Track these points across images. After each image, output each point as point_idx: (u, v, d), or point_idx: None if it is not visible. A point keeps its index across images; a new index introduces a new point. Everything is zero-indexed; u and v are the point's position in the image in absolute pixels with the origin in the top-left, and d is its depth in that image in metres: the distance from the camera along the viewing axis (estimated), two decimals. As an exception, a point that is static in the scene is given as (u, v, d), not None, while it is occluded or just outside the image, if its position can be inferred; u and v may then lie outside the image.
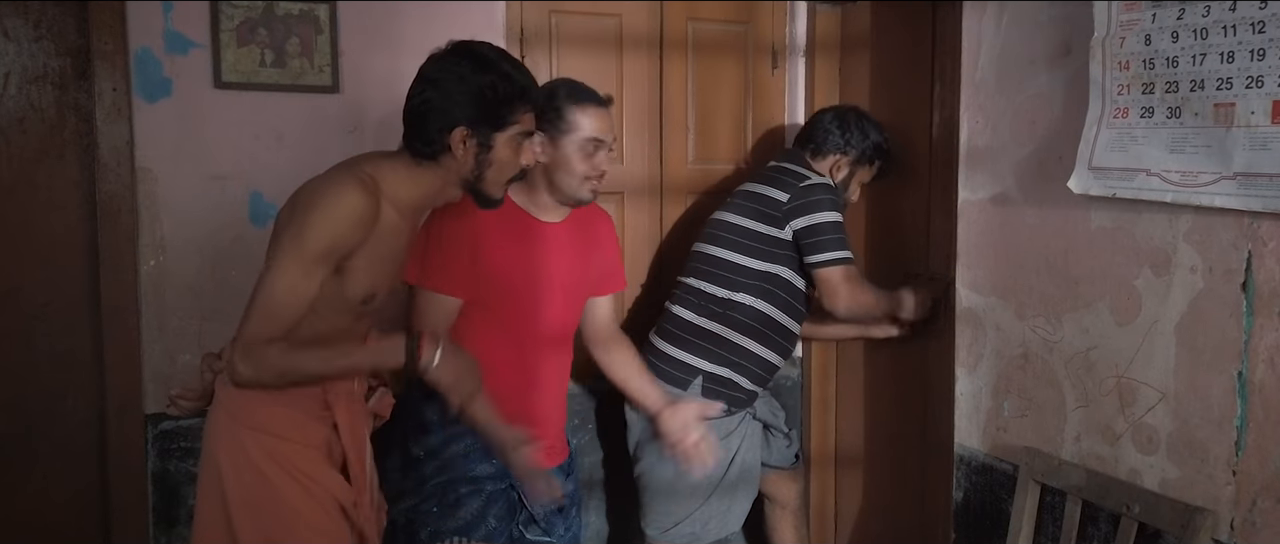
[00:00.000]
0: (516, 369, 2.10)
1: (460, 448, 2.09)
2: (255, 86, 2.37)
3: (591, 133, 2.03)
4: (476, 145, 1.71)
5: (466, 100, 1.68)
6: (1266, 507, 1.59)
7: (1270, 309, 1.57)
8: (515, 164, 1.77)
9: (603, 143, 2.06)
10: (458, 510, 2.06)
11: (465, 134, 1.70)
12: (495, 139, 1.72)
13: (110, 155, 2.28)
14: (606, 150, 2.08)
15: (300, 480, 1.73)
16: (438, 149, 1.71)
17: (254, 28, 2.36)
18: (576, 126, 2.03)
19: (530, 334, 2.11)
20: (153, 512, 2.39)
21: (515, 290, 2.07)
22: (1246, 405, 1.61)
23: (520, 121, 1.75)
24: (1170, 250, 1.72)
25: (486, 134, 1.71)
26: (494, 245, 2.04)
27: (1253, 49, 1.54)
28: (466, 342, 2.03)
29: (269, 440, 1.71)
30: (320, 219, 1.61)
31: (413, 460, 2.08)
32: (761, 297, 2.41)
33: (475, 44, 1.75)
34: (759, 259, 2.40)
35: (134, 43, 2.28)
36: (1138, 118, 1.74)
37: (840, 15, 2.93)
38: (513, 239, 2.06)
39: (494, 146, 1.73)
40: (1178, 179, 1.68)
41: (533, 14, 2.65)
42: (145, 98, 2.30)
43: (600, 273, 2.27)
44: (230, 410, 1.73)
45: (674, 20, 2.83)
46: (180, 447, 2.39)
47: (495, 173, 1.76)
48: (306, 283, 1.62)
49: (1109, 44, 1.77)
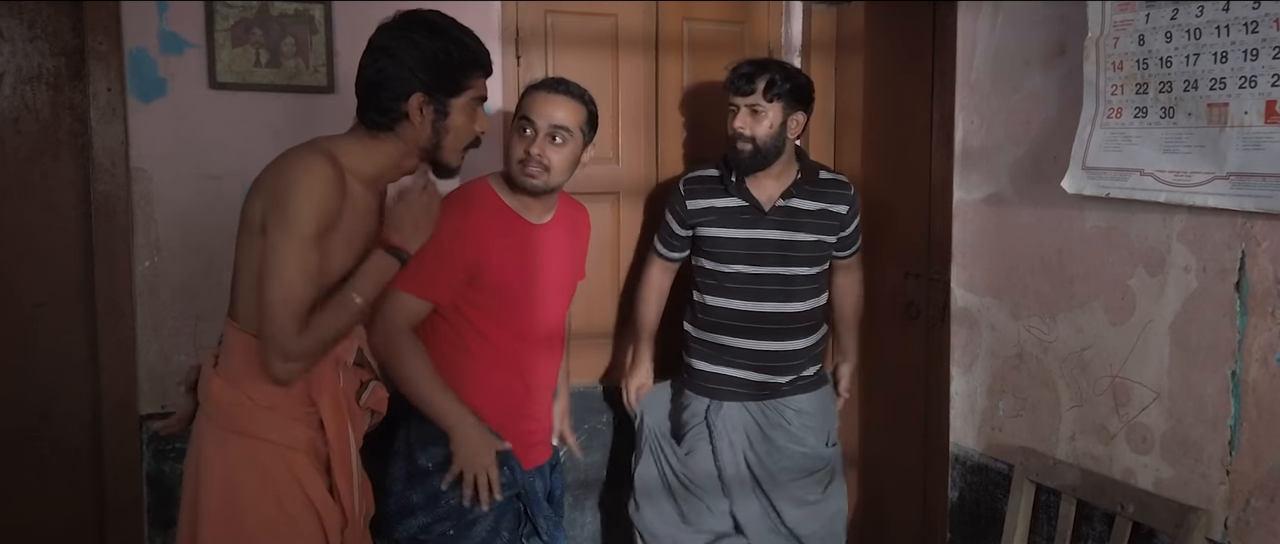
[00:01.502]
0: (515, 368, 2.10)
1: None
2: (250, 87, 2.37)
3: (524, 112, 2.07)
4: (433, 112, 1.72)
5: (422, 67, 1.69)
6: (1260, 506, 1.59)
7: (1264, 309, 1.57)
8: (470, 130, 1.79)
9: (535, 126, 2.05)
10: (474, 528, 2.04)
11: (422, 101, 1.70)
12: (451, 105, 1.74)
13: (105, 155, 2.28)
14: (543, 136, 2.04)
15: (278, 492, 1.68)
16: (394, 118, 1.71)
17: (249, 28, 2.36)
18: (518, 107, 2.11)
19: (528, 333, 2.12)
20: (148, 512, 2.39)
21: (513, 293, 2.07)
22: (1240, 405, 1.62)
23: (474, 87, 1.77)
24: (1164, 250, 1.73)
25: (443, 100, 1.72)
26: (491, 252, 2.03)
27: (1246, 49, 1.54)
28: (463, 344, 2.06)
29: (250, 444, 1.67)
30: (304, 197, 1.60)
31: (420, 472, 2.04)
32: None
33: (425, 11, 1.76)
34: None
35: (129, 43, 2.28)
36: (1131, 118, 1.74)
37: (836, 15, 2.93)
38: (507, 244, 2.07)
39: (450, 113, 1.74)
40: (1171, 179, 1.68)
41: (528, 14, 2.65)
42: (140, 98, 2.30)
43: (579, 269, 2.31)
44: (212, 417, 1.71)
45: (670, 20, 2.83)
46: (176, 447, 2.38)
47: (453, 140, 1.76)
48: (311, 265, 1.61)
49: (1103, 44, 1.77)
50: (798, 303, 2.47)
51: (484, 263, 2.02)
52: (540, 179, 2.05)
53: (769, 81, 2.35)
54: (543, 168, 2.04)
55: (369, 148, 1.73)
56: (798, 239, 2.43)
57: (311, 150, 1.66)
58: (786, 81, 2.37)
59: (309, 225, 1.59)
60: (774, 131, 2.37)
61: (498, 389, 2.09)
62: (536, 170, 2.04)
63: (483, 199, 2.09)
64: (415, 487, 2.04)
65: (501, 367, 2.09)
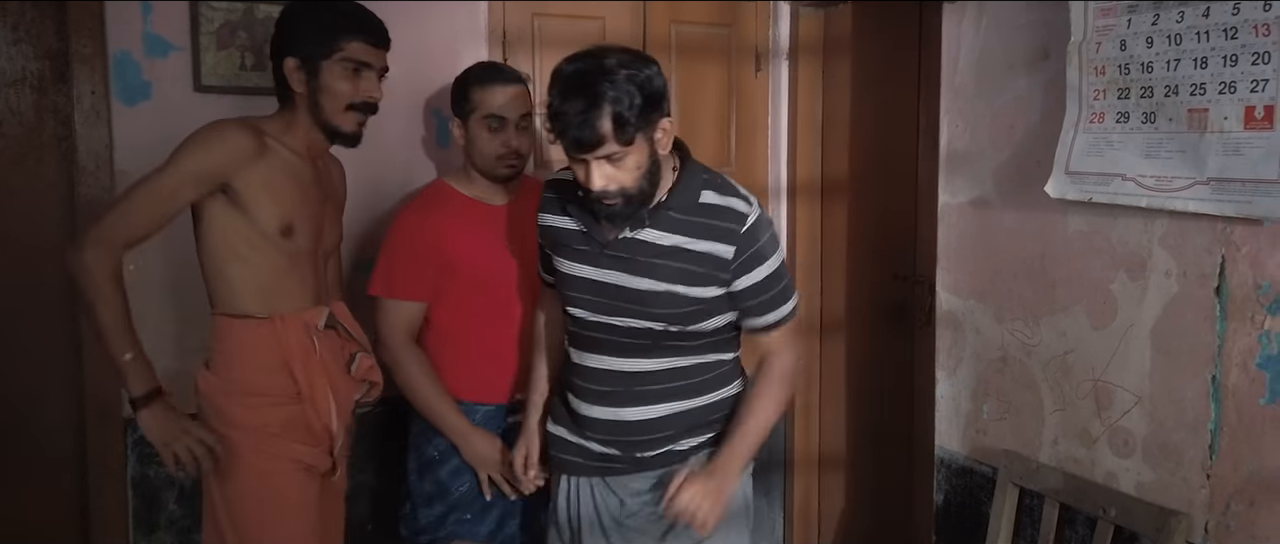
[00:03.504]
0: (499, 344, 2.17)
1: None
2: (236, 90, 2.36)
3: (490, 110, 2.09)
4: (306, 74, 1.84)
5: (292, 31, 1.85)
6: (1239, 510, 1.60)
7: (1243, 313, 1.58)
8: (349, 93, 1.86)
9: (505, 120, 2.10)
10: (488, 514, 2.16)
11: (295, 63, 1.83)
12: (322, 67, 1.83)
13: (89, 159, 2.27)
14: (513, 126, 2.11)
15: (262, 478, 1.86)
16: (283, 85, 1.86)
17: (234, 31, 2.35)
18: (478, 106, 2.10)
19: (507, 310, 2.18)
20: (133, 516, 2.38)
21: (484, 275, 2.15)
22: (1220, 409, 1.62)
23: (345, 49, 1.84)
24: (1145, 255, 1.73)
25: (315, 62, 1.83)
26: (456, 239, 2.12)
27: (1226, 55, 1.55)
28: (449, 330, 2.15)
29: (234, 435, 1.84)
30: (191, 143, 1.77)
31: (428, 462, 2.15)
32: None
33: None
34: None
35: (113, 46, 2.27)
36: (1114, 122, 1.75)
37: (823, 18, 2.94)
38: (470, 230, 2.14)
39: (320, 73, 1.83)
40: (1152, 184, 1.68)
41: (515, 15, 2.64)
42: (124, 101, 2.29)
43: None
44: (202, 414, 1.88)
45: (657, 23, 2.83)
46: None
47: (329, 101, 1.85)
48: (173, 197, 1.75)
49: (1085, 48, 1.78)
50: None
51: (454, 250, 2.11)
52: (517, 166, 2.16)
53: (616, 119, 1.56)
54: (518, 156, 2.15)
55: (283, 118, 1.89)
56: (642, 288, 1.71)
57: (229, 118, 1.84)
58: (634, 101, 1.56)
59: (185, 165, 1.74)
60: (645, 169, 1.64)
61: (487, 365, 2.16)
62: (515, 161, 2.14)
63: (441, 194, 2.20)
64: (425, 477, 2.16)
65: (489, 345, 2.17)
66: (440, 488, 2.14)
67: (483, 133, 2.12)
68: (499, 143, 2.11)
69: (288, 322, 1.87)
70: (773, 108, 3.03)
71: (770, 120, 3.04)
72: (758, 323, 1.78)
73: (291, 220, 1.84)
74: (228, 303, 1.87)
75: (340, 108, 1.87)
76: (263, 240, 1.83)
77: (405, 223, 2.14)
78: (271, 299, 1.86)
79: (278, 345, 1.86)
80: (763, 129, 3.03)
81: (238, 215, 1.81)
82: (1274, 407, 1.54)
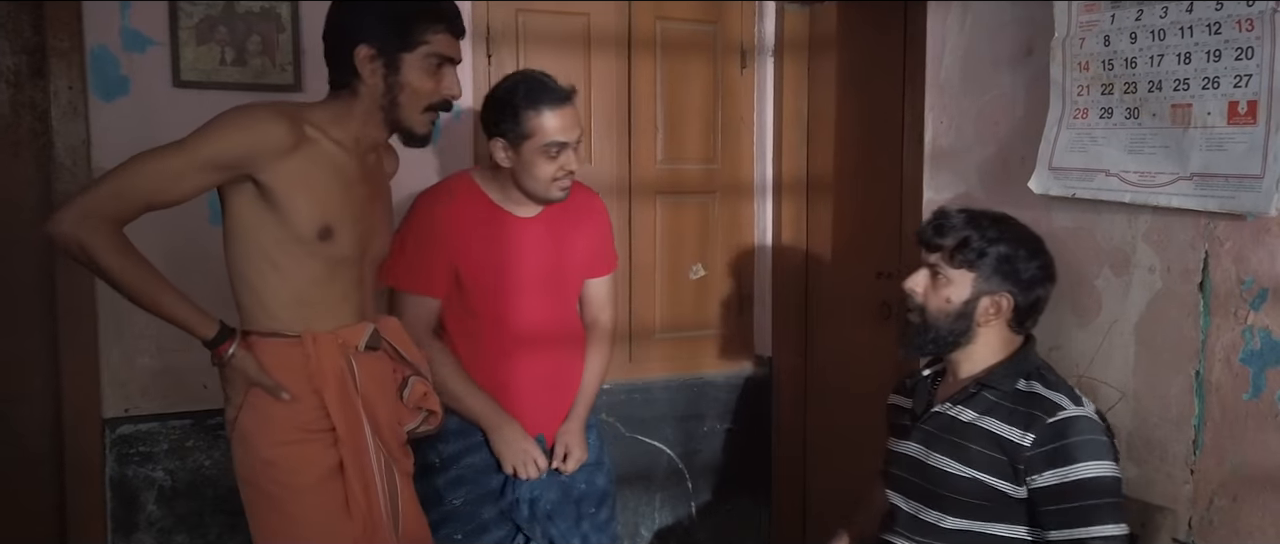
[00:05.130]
0: (494, 366, 2.06)
1: (478, 460, 2.07)
2: (215, 85, 2.33)
3: (550, 137, 1.94)
4: (383, 67, 1.61)
5: (369, 17, 1.60)
6: (1223, 505, 1.60)
7: (1227, 309, 1.58)
8: (432, 92, 1.65)
9: (565, 145, 1.96)
10: (483, 536, 2.06)
11: (369, 53, 1.59)
12: (403, 60, 1.61)
13: (66, 154, 2.25)
14: (571, 149, 1.98)
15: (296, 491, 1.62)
16: (347, 73, 1.61)
17: (214, 26, 2.33)
18: (534, 131, 1.93)
19: (507, 329, 2.06)
20: (111, 518, 2.35)
21: (487, 286, 2.03)
22: (1204, 405, 1.62)
23: (431, 42, 1.62)
24: (1129, 250, 1.73)
25: (393, 54, 1.60)
26: (467, 243, 2.01)
27: (1209, 50, 1.55)
28: (452, 338, 2.05)
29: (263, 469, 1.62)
30: (214, 124, 1.53)
31: (427, 467, 2.03)
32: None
33: None
34: None
35: (90, 41, 2.24)
36: (1097, 118, 1.75)
37: (809, 15, 2.93)
38: (485, 236, 2.03)
39: (402, 68, 1.61)
40: (1136, 179, 1.68)
41: (499, 13, 2.63)
42: (102, 96, 2.26)
43: (586, 256, 2.18)
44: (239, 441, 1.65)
45: (642, 20, 2.82)
46: (139, 452, 2.35)
47: (409, 99, 1.63)
48: (179, 179, 1.50)
49: (1069, 45, 1.78)
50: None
51: (462, 256, 2.00)
52: (570, 185, 2.02)
53: (964, 242, 1.64)
54: (571, 175, 2.01)
55: (336, 109, 1.64)
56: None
57: (265, 101, 1.62)
58: (993, 251, 1.63)
59: (205, 147, 1.50)
60: (955, 307, 1.67)
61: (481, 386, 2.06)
62: (569, 181, 2.01)
63: (463, 192, 2.05)
64: (422, 480, 2.01)
65: (482, 364, 2.05)
66: (435, 495, 2.03)
67: (539, 160, 1.95)
68: (556, 168, 1.96)
69: (319, 341, 1.61)
70: (758, 105, 3.03)
71: (755, 118, 3.03)
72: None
73: (330, 222, 1.59)
74: (256, 318, 1.61)
75: (420, 107, 1.64)
76: (297, 244, 1.58)
77: (419, 213, 2.02)
78: (306, 313, 1.61)
79: (305, 369, 1.60)
80: (748, 126, 3.02)
81: (268, 215, 1.56)
82: (1257, 402, 1.54)
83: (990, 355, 1.67)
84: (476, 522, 2.06)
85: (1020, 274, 1.62)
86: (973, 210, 1.68)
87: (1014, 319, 1.65)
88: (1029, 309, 1.65)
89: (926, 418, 1.71)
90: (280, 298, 1.60)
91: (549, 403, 2.12)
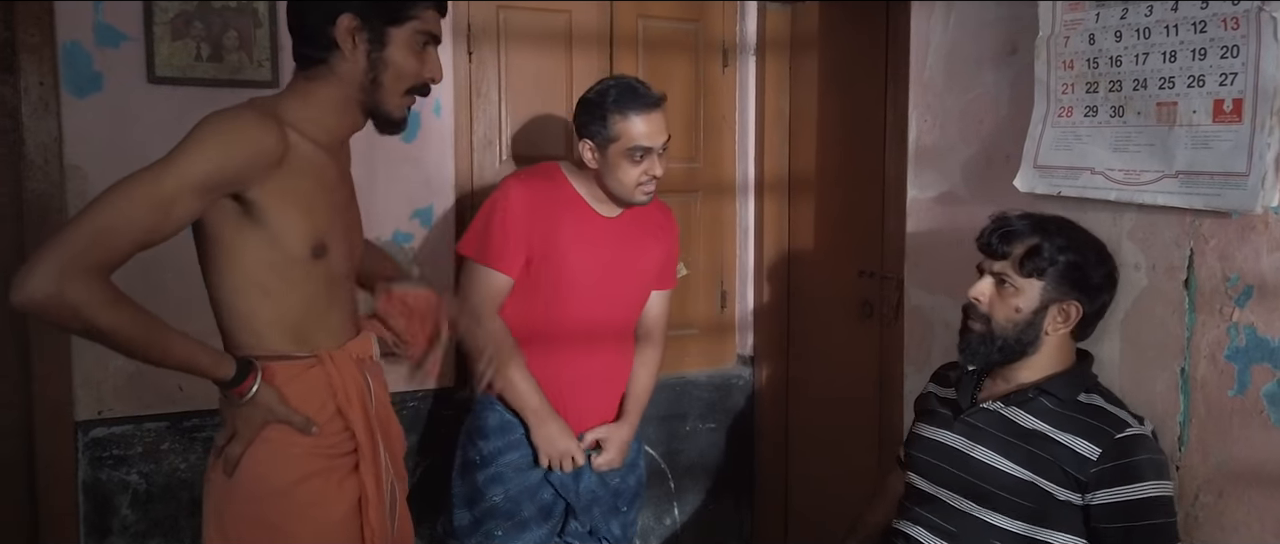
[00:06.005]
0: (546, 357, 2.09)
1: (517, 458, 2.10)
2: (191, 81, 2.29)
3: (636, 141, 1.99)
4: (367, 40, 1.44)
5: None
6: (1208, 501, 1.60)
7: (1211, 306, 1.59)
8: (416, 73, 1.50)
9: (649, 150, 2.01)
10: (521, 535, 2.09)
11: (352, 24, 1.42)
12: (389, 34, 1.45)
13: (37, 152, 2.20)
14: (656, 155, 2.03)
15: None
16: (324, 47, 1.43)
17: (189, 21, 2.29)
18: (621, 135, 1.98)
19: (566, 322, 2.10)
20: (84, 523, 2.31)
21: (557, 275, 2.07)
22: (1189, 401, 1.63)
23: (421, 18, 1.48)
24: (1114, 248, 1.73)
25: (378, 27, 1.44)
26: (549, 228, 2.04)
27: (1194, 48, 1.55)
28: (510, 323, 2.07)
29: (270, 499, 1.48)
30: (202, 138, 1.33)
31: (468, 464, 2.10)
32: None
33: None
34: None
35: (62, 36, 2.19)
36: (1082, 117, 1.75)
37: (790, 14, 2.93)
38: (566, 225, 2.06)
39: (388, 44, 1.45)
40: (1121, 177, 1.69)
41: (481, 11, 2.60)
42: (74, 93, 2.22)
43: (657, 267, 2.23)
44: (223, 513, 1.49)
45: (624, 18, 2.80)
46: (112, 455, 2.31)
47: (392, 79, 1.47)
48: (171, 208, 1.29)
49: (1053, 43, 1.78)
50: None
51: (540, 239, 2.03)
52: (655, 191, 2.07)
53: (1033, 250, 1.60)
54: (656, 180, 2.05)
55: (307, 93, 1.46)
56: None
57: (241, 104, 1.42)
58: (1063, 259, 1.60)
59: (188, 166, 1.30)
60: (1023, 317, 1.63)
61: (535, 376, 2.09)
62: (654, 186, 2.06)
63: (554, 180, 2.10)
64: (464, 478, 2.11)
65: (538, 353, 2.09)
66: (475, 492, 2.08)
67: (624, 163, 2.00)
68: (640, 172, 2.02)
69: (338, 359, 1.50)
70: (740, 104, 3.02)
71: (738, 116, 3.03)
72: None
73: (324, 237, 1.46)
74: (246, 346, 1.46)
75: (401, 89, 1.49)
76: (290, 266, 1.43)
77: (510, 192, 2.04)
78: (308, 338, 1.48)
79: (328, 389, 1.49)
80: (730, 125, 3.02)
81: (255, 235, 1.40)
82: (1242, 398, 1.55)
83: (1051, 364, 1.65)
84: (516, 518, 2.09)
85: (1089, 281, 1.61)
86: (1035, 216, 1.64)
87: (1079, 327, 1.64)
88: (1094, 316, 1.65)
89: (972, 412, 1.70)
90: (276, 327, 1.45)
91: (594, 402, 2.17)
